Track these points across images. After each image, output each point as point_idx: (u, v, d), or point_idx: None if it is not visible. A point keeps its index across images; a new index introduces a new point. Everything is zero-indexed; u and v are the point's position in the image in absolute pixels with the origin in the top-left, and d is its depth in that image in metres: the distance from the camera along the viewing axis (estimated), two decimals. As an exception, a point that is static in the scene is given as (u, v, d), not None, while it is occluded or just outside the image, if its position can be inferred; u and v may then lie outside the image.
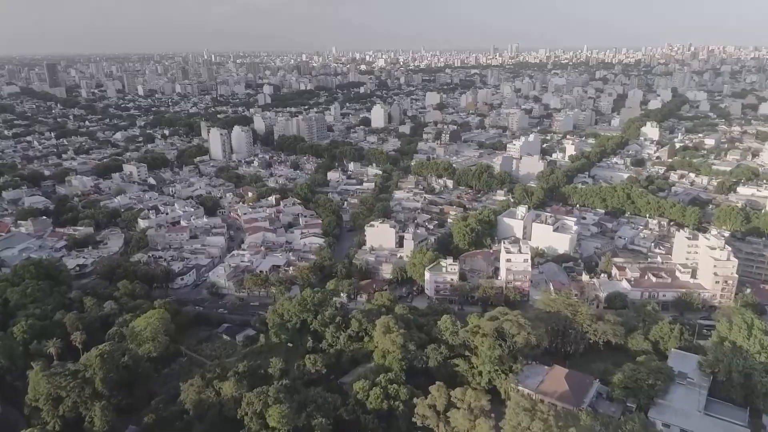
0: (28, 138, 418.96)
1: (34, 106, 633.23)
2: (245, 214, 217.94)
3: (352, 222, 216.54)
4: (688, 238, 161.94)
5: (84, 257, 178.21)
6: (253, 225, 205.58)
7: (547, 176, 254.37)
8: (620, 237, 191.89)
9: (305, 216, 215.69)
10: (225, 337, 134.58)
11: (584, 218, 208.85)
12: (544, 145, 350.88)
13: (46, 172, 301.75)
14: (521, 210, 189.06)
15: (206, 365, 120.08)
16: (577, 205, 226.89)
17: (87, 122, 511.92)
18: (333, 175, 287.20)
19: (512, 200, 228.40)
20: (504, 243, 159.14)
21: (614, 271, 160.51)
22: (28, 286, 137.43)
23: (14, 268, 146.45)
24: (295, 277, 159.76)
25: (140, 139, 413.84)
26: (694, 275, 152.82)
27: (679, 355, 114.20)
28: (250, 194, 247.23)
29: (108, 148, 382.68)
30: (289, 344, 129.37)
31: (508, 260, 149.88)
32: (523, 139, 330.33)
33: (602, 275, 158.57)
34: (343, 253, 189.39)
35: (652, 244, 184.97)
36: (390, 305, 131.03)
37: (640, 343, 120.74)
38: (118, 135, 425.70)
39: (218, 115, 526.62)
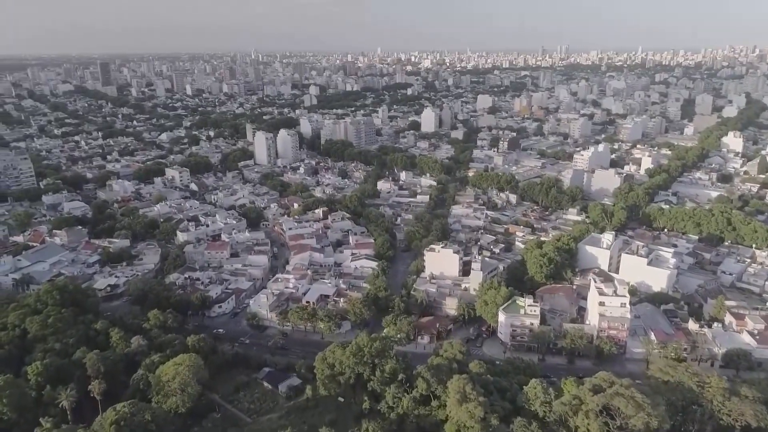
0: (76, 137, 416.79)
1: (86, 105, 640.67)
2: (290, 229, 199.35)
3: (406, 241, 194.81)
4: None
5: (116, 276, 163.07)
6: (299, 242, 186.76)
7: (625, 193, 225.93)
8: (724, 272, 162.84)
9: (356, 234, 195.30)
10: (266, 384, 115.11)
11: (675, 246, 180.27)
12: (613, 156, 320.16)
13: (89, 175, 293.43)
14: (607, 237, 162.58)
15: (244, 425, 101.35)
16: (665, 230, 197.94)
17: (135, 122, 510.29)
18: (384, 185, 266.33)
19: (587, 221, 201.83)
20: (594, 280, 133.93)
21: (728, 318, 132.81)
22: (50, 315, 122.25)
23: (37, 293, 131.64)
24: (345, 311, 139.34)
25: (185, 140, 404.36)
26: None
27: None
28: (295, 205, 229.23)
29: (152, 150, 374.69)
30: (340, 399, 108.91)
31: (601, 303, 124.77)
32: (591, 149, 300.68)
33: (714, 324, 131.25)
34: (397, 278, 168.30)
35: (766, 282, 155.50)
36: (462, 359, 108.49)
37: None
38: (164, 136, 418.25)
39: (264, 117, 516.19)
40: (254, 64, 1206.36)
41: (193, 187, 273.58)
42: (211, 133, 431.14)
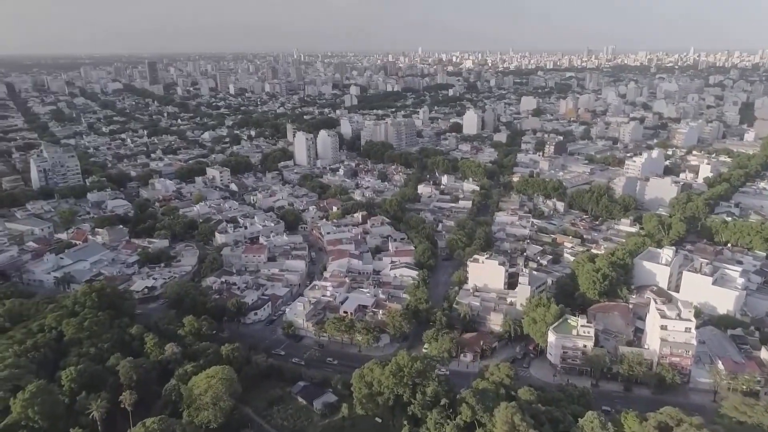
0: (123, 135, 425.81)
1: (134, 103, 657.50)
2: (328, 233, 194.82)
3: (448, 249, 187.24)
4: None
5: (154, 278, 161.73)
6: (337, 248, 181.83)
7: (683, 204, 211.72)
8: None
9: (395, 240, 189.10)
10: (300, 400, 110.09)
11: (740, 263, 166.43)
12: (667, 162, 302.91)
13: (133, 173, 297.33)
14: (667, 253, 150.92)
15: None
16: (728, 245, 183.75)
17: (179, 120, 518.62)
18: (424, 189, 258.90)
19: (642, 233, 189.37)
20: (654, 300, 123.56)
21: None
22: (86, 318, 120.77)
23: (75, 294, 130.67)
24: (384, 324, 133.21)
25: (227, 139, 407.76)
26: None
27: None
28: (334, 208, 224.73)
29: (195, 149, 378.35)
30: (378, 420, 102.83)
31: (663, 327, 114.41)
32: (644, 155, 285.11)
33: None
34: (438, 289, 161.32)
35: None
36: (510, 384, 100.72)
37: None
38: (206, 135, 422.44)
39: (304, 116, 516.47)
40: (296, 63, 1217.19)
41: (233, 187, 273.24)
42: (252, 133, 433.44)
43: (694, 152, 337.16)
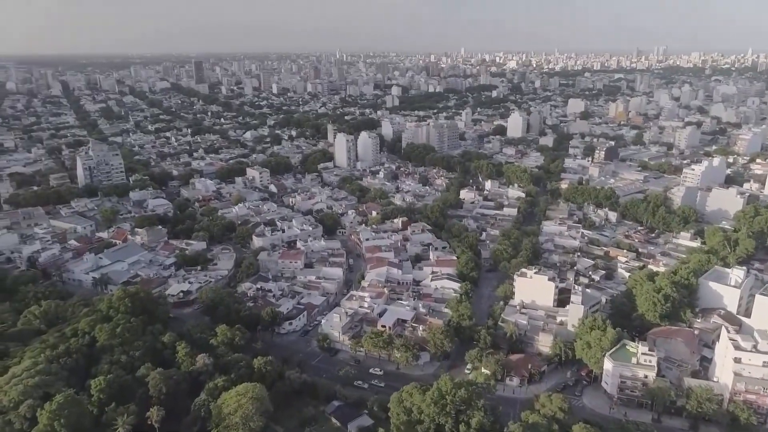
0: (167, 134, 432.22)
1: (180, 102, 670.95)
2: (367, 239, 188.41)
3: (492, 260, 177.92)
4: None
5: (190, 282, 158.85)
6: (376, 255, 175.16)
7: (750, 218, 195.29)
8: None
9: (437, 249, 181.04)
10: (334, 421, 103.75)
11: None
12: (728, 171, 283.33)
13: (175, 172, 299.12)
14: (737, 273, 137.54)
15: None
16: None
17: (222, 119, 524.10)
18: (467, 195, 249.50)
19: (704, 248, 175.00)
20: (726, 329, 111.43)
21: None
22: (119, 324, 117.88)
23: (109, 299, 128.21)
24: (425, 341, 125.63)
25: (268, 139, 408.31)
26: None
27: None
28: (374, 213, 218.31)
29: (236, 148, 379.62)
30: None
31: (737, 360, 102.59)
32: (705, 162, 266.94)
33: None
34: (481, 303, 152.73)
35: None
36: (564, 418, 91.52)
37: None
38: (248, 134, 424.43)
39: (345, 117, 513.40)
40: (338, 63, 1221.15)
41: (272, 188, 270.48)
42: (293, 133, 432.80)
43: (759, 160, 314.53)
